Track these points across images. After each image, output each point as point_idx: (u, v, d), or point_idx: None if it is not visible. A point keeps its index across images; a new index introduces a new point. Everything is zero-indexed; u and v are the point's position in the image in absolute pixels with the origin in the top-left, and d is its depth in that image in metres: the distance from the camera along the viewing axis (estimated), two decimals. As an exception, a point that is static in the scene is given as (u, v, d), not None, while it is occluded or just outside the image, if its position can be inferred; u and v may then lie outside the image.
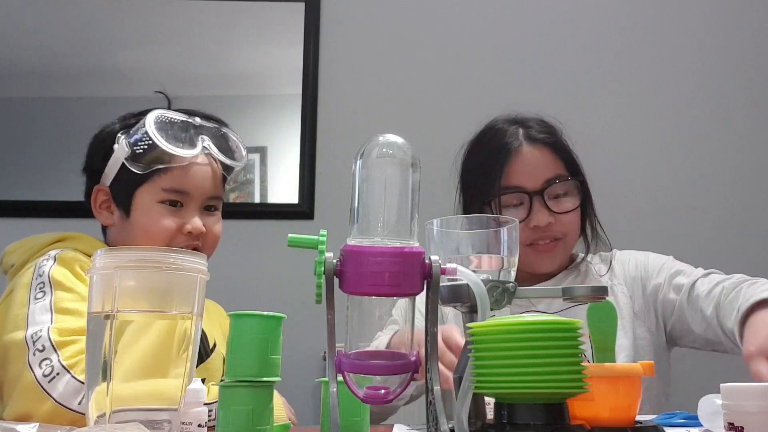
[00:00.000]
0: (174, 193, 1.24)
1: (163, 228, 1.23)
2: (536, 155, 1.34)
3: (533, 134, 1.36)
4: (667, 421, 0.93)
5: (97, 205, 1.30)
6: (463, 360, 0.71)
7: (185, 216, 1.25)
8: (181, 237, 1.24)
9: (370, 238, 0.66)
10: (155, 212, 1.23)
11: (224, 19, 2.30)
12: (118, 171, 1.24)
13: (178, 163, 1.23)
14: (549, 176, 1.33)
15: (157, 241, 1.22)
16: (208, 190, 1.28)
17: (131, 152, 1.21)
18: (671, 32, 2.31)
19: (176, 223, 1.24)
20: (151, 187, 1.24)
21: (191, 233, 1.25)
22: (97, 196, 1.29)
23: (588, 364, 0.61)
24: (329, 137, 2.22)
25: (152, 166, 1.22)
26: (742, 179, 2.22)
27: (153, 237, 1.23)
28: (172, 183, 1.24)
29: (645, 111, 2.27)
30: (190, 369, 0.76)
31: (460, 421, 0.62)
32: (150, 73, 2.26)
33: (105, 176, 1.27)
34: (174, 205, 1.24)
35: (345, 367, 0.66)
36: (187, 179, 1.25)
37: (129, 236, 1.26)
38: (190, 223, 1.24)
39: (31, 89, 2.27)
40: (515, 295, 0.74)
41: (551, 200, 1.32)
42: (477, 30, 2.31)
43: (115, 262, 0.73)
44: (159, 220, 1.23)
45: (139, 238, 1.24)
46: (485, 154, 1.38)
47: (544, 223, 1.30)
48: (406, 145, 0.68)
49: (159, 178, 1.23)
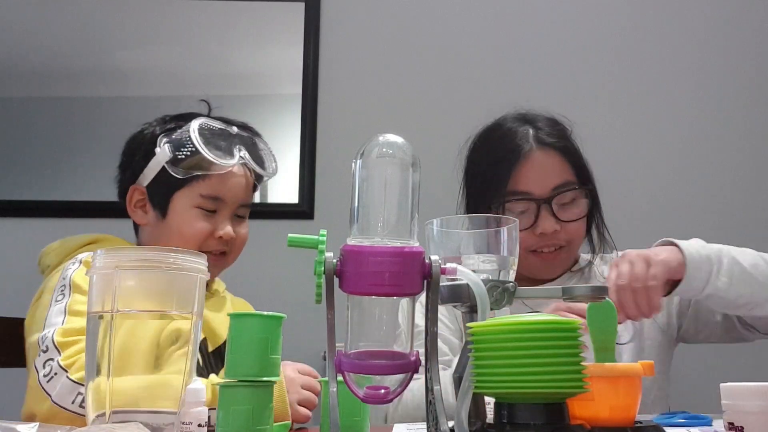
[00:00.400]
0: (210, 199, 1.30)
1: (198, 231, 1.28)
2: (546, 160, 1.30)
3: (543, 137, 1.32)
4: (668, 420, 0.93)
5: (132, 204, 1.34)
6: (462, 360, 0.71)
7: (218, 222, 1.31)
8: (213, 241, 1.30)
9: (370, 238, 0.66)
10: (191, 216, 1.29)
11: (224, 19, 2.30)
12: (157, 173, 1.29)
13: (217, 171, 1.28)
14: (558, 183, 1.29)
15: (189, 243, 1.27)
16: (240, 198, 1.34)
17: (173, 157, 1.26)
18: (674, 32, 2.31)
19: (209, 227, 1.29)
20: (190, 191, 1.29)
21: (222, 238, 1.30)
22: (133, 195, 1.33)
23: (588, 364, 0.61)
24: (329, 137, 2.22)
25: (192, 171, 1.27)
26: (743, 179, 2.22)
27: (186, 239, 1.27)
28: (210, 190, 1.29)
29: (645, 109, 2.27)
30: (190, 369, 0.76)
31: (460, 420, 0.62)
32: (150, 72, 2.26)
33: (143, 176, 1.31)
34: (209, 211, 1.30)
35: (345, 366, 0.66)
36: (223, 187, 1.30)
37: (162, 237, 1.31)
38: (222, 229, 1.30)
39: (32, 89, 2.27)
40: (515, 295, 0.74)
41: (558, 207, 1.29)
42: (477, 29, 2.31)
43: (115, 261, 0.73)
44: (194, 224, 1.28)
45: (172, 239, 1.28)
46: (493, 154, 1.33)
47: (550, 230, 1.28)
48: (406, 145, 0.68)
49: (197, 184, 1.29)
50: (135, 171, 1.32)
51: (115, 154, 1.39)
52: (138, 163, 1.32)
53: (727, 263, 1.14)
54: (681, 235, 1.45)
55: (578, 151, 1.35)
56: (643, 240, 1.62)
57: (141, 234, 1.37)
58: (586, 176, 1.34)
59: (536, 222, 1.27)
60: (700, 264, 1.12)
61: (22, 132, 2.23)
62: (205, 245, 1.29)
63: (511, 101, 1.46)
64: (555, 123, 1.36)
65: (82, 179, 2.19)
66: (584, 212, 1.32)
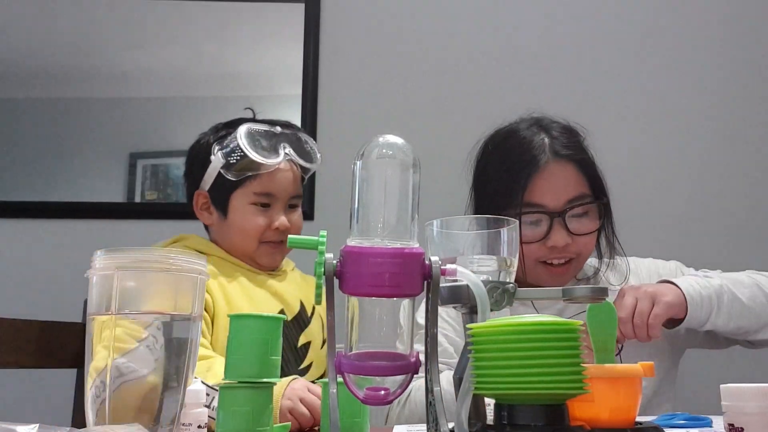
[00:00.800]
0: (263, 196, 1.44)
1: (256, 225, 1.43)
2: (561, 173, 1.28)
3: (559, 149, 1.29)
4: (668, 422, 0.93)
5: (198, 207, 1.49)
6: (463, 360, 0.71)
7: (273, 214, 1.45)
8: (270, 232, 1.45)
9: (370, 239, 0.65)
10: (248, 212, 1.44)
11: (224, 19, 2.30)
12: (215, 178, 1.44)
13: (266, 170, 1.42)
14: (572, 196, 1.28)
15: (251, 236, 1.44)
16: (290, 191, 1.48)
17: (226, 162, 1.41)
18: (688, 35, 2.31)
19: (266, 221, 1.44)
20: (244, 191, 1.44)
21: (278, 229, 1.44)
22: (198, 199, 1.49)
23: (588, 365, 0.61)
24: (329, 138, 2.22)
25: (244, 173, 1.42)
26: (745, 180, 2.22)
27: (247, 233, 1.44)
28: (262, 187, 1.44)
29: (646, 110, 2.27)
30: (190, 370, 0.76)
31: (460, 422, 0.62)
32: (150, 73, 2.26)
33: (204, 182, 1.46)
34: (264, 205, 1.45)
35: (345, 368, 0.66)
36: (273, 183, 1.44)
37: (227, 233, 1.47)
38: (277, 221, 1.44)
39: (32, 90, 2.27)
40: (515, 296, 0.74)
41: (571, 220, 1.27)
42: (477, 31, 2.31)
43: (115, 262, 0.73)
44: (252, 219, 1.44)
45: (235, 235, 1.45)
46: (507, 163, 1.31)
47: (562, 243, 1.26)
48: (406, 146, 0.68)
49: (250, 184, 1.43)
50: (196, 178, 1.47)
51: (116, 154, 1.42)
52: (198, 170, 1.47)
53: (726, 301, 1.22)
54: (688, 241, 1.47)
55: (593, 162, 1.33)
56: (650, 244, 1.62)
57: (211, 232, 1.52)
58: (601, 188, 1.32)
59: (548, 235, 1.26)
60: (701, 305, 1.20)
61: (22, 133, 2.23)
62: (264, 237, 1.44)
63: (512, 103, 1.46)
64: (570, 132, 1.34)
65: (82, 180, 2.19)
66: (596, 226, 1.31)
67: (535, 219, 1.27)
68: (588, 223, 1.29)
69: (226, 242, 1.47)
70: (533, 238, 1.26)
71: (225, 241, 1.47)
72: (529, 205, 1.27)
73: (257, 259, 1.47)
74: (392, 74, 2.27)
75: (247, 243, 1.44)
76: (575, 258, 1.30)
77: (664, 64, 2.29)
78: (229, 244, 1.46)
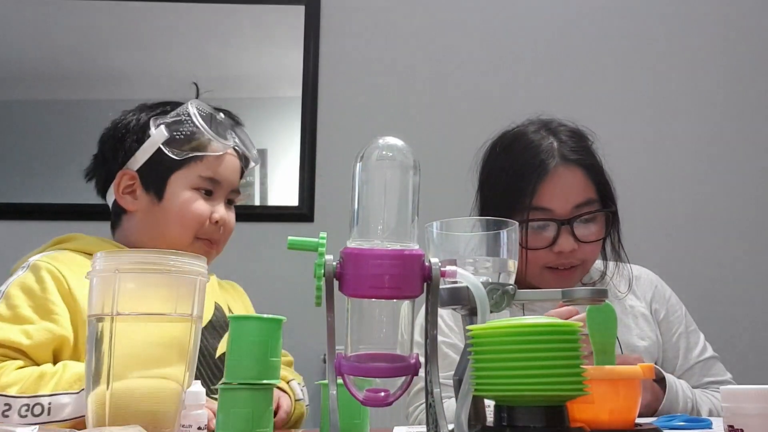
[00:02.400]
0: (209, 181, 1.28)
1: (198, 213, 1.26)
2: (569, 178, 1.28)
3: (567, 153, 1.29)
4: (667, 423, 0.93)
5: (120, 190, 1.29)
6: (462, 362, 0.71)
7: (213, 205, 1.29)
8: (208, 226, 1.28)
9: (370, 241, 0.66)
10: (190, 197, 1.26)
11: (225, 22, 2.30)
12: (150, 156, 1.26)
13: (215, 152, 1.27)
14: (579, 201, 1.27)
15: (188, 226, 1.26)
16: (234, 182, 1.33)
17: (170, 137, 1.24)
18: (689, 37, 2.31)
19: (209, 209, 1.28)
20: (188, 172, 1.26)
21: (218, 222, 1.28)
22: (121, 180, 1.29)
23: (587, 367, 0.61)
24: (329, 140, 2.23)
25: (190, 152, 1.25)
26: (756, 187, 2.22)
27: (186, 222, 1.26)
28: (209, 171, 1.27)
29: (655, 114, 2.27)
30: (189, 371, 0.76)
31: (459, 423, 0.62)
32: (151, 75, 2.26)
33: (134, 160, 1.28)
34: (207, 193, 1.28)
35: (345, 369, 0.66)
36: (220, 169, 1.29)
37: (159, 221, 1.27)
38: (217, 212, 1.28)
39: (34, 92, 2.27)
40: (515, 297, 0.74)
41: (578, 226, 1.27)
42: (476, 33, 2.31)
43: (115, 264, 0.73)
44: (193, 205, 1.26)
45: (170, 223, 1.26)
46: (515, 167, 1.30)
47: (568, 249, 1.26)
48: (406, 148, 0.68)
49: (195, 165, 1.26)
50: (125, 155, 1.28)
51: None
52: (129, 147, 1.28)
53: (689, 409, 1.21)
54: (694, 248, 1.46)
55: (601, 167, 1.32)
56: (656, 250, 1.62)
57: (125, 224, 1.31)
58: (609, 194, 1.32)
59: (555, 241, 1.26)
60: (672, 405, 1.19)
61: (22, 135, 2.23)
62: (201, 230, 1.27)
63: (512, 105, 1.46)
64: (579, 136, 1.34)
65: (82, 182, 2.18)
66: (603, 234, 1.30)
67: (543, 224, 1.27)
68: (595, 230, 1.29)
69: (152, 233, 1.27)
70: (540, 245, 1.26)
71: (151, 231, 1.27)
72: (537, 209, 1.26)
73: None
74: (392, 76, 2.28)
75: (182, 234, 1.26)
76: (580, 265, 1.31)
77: (675, 69, 2.29)
78: (156, 234, 1.27)
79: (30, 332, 1.04)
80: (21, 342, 1.02)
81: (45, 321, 1.06)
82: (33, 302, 1.07)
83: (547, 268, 1.29)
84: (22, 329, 1.04)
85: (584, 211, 1.27)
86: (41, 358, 1.04)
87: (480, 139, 1.41)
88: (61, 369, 0.98)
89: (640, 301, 1.37)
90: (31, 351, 1.03)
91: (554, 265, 1.29)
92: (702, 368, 1.32)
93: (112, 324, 0.72)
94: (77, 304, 1.10)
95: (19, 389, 0.94)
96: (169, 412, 0.73)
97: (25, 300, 1.07)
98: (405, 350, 0.69)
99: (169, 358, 0.74)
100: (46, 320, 1.06)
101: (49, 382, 0.95)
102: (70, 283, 1.10)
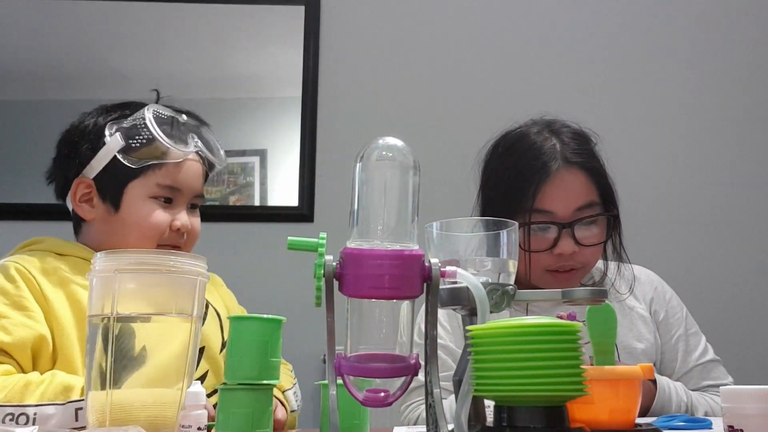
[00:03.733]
0: (168, 189, 1.24)
1: (157, 223, 1.22)
2: (571, 181, 1.27)
3: (570, 155, 1.29)
4: (667, 423, 0.93)
5: (77, 199, 1.25)
6: (462, 363, 0.71)
7: (174, 212, 1.25)
8: (170, 233, 1.24)
9: (370, 241, 0.66)
10: (148, 207, 1.22)
11: (225, 22, 2.30)
12: (107, 164, 1.22)
13: (174, 159, 1.23)
14: (581, 204, 1.27)
15: (148, 236, 1.22)
16: (196, 188, 1.28)
17: (126, 145, 1.20)
18: (694, 39, 2.31)
19: (168, 218, 1.23)
20: (145, 181, 1.22)
21: (179, 230, 1.24)
22: (77, 188, 1.25)
23: (587, 367, 0.61)
24: (329, 140, 2.23)
25: (147, 160, 1.21)
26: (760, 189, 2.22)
27: (144, 232, 1.22)
28: (167, 179, 1.23)
29: (658, 116, 2.27)
30: (189, 371, 0.76)
31: (459, 423, 0.62)
32: (150, 76, 2.26)
33: (89, 168, 1.24)
34: (166, 201, 1.24)
35: (345, 369, 0.66)
36: (180, 176, 1.24)
37: (116, 231, 1.23)
38: (180, 221, 1.24)
39: (31, 92, 2.27)
40: (515, 298, 0.74)
41: (579, 228, 1.27)
42: (476, 33, 2.31)
43: (115, 264, 0.73)
44: (152, 216, 1.22)
45: (128, 234, 1.22)
46: (517, 168, 1.30)
47: (569, 252, 1.25)
48: (406, 148, 0.68)
49: (153, 174, 1.22)
50: (81, 162, 1.24)
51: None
52: (84, 154, 1.24)
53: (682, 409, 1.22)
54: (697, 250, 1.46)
55: (604, 170, 1.32)
56: (658, 252, 1.62)
57: (85, 231, 1.28)
58: (611, 196, 1.32)
59: (556, 243, 1.26)
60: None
61: (22, 135, 2.23)
62: (162, 238, 1.23)
63: (514, 104, 1.46)
64: (582, 138, 1.34)
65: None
66: (604, 238, 1.30)
67: (544, 227, 1.27)
68: (596, 233, 1.29)
69: (111, 242, 1.22)
70: (541, 247, 1.26)
71: (110, 240, 1.23)
72: (538, 212, 1.26)
73: None
74: (392, 76, 2.28)
75: (143, 244, 1.21)
76: (581, 268, 1.30)
77: (678, 70, 2.29)
78: (116, 243, 1.20)
79: (8, 328, 1.03)
80: (2, 340, 1.02)
81: (22, 317, 1.05)
82: (7, 299, 1.07)
83: (548, 270, 1.29)
84: (1, 325, 1.03)
85: (586, 215, 1.27)
86: (22, 358, 1.03)
87: (480, 139, 1.40)
88: (48, 378, 0.97)
89: (639, 303, 1.37)
90: (12, 349, 1.02)
91: (554, 267, 1.28)
92: (701, 371, 1.32)
93: (112, 324, 0.72)
94: (49, 304, 1.09)
95: (4, 397, 0.93)
96: (168, 413, 0.73)
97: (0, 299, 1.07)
98: (405, 350, 0.69)
99: (169, 358, 0.74)
100: (23, 316, 1.05)
101: (35, 391, 0.94)
102: (41, 284, 1.10)
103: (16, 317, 1.05)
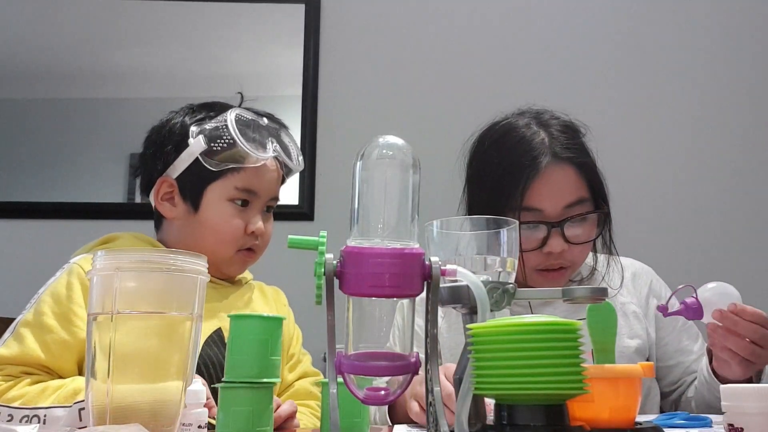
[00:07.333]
0: (245, 192, 1.27)
1: (234, 227, 1.26)
2: (561, 177, 1.24)
3: (559, 150, 1.24)
4: (667, 422, 0.93)
5: (159, 197, 1.29)
6: (463, 361, 0.71)
7: (250, 216, 1.28)
8: (245, 237, 1.28)
9: (370, 240, 0.66)
10: (225, 210, 1.26)
11: (225, 20, 2.30)
12: (189, 165, 1.25)
13: (252, 164, 1.25)
14: (570, 200, 1.23)
15: (225, 239, 1.26)
16: (272, 191, 1.32)
17: (208, 148, 1.23)
18: (685, 31, 2.31)
19: (242, 222, 1.27)
20: (224, 184, 1.26)
21: (254, 233, 1.28)
22: (161, 187, 1.28)
23: (588, 365, 0.61)
24: (329, 138, 2.22)
25: (227, 164, 1.24)
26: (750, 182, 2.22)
27: (222, 235, 1.26)
28: (245, 183, 1.26)
29: (648, 108, 2.27)
30: (190, 370, 0.76)
31: (460, 422, 0.62)
32: (150, 74, 2.26)
33: (173, 168, 1.27)
34: (243, 203, 1.27)
35: (345, 368, 0.66)
36: (258, 180, 1.28)
37: (194, 232, 1.27)
38: (254, 224, 1.28)
39: (31, 90, 2.27)
40: (515, 296, 0.74)
41: (569, 226, 1.23)
42: (476, 31, 2.31)
43: (116, 263, 0.73)
44: (229, 219, 1.26)
45: (206, 237, 1.26)
46: (505, 164, 1.26)
47: (558, 249, 1.22)
48: (407, 147, 0.68)
49: (233, 177, 1.26)
50: (165, 162, 1.27)
51: (116, 155, 1.39)
52: (168, 154, 1.27)
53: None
54: (689, 244, 1.45)
55: (594, 165, 1.29)
56: (649, 246, 1.62)
57: (166, 228, 1.32)
58: (601, 192, 1.28)
59: (545, 242, 1.23)
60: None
61: (22, 133, 2.23)
62: (239, 242, 1.28)
63: (513, 103, 1.45)
64: (571, 131, 1.30)
65: (82, 181, 2.19)
66: (594, 235, 1.28)
67: (533, 225, 1.24)
68: (586, 230, 1.26)
69: (188, 242, 1.25)
70: (531, 247, 1.23)
71: (187, 240, 1.26)
72: (527, 210, 1.23)
73: (227, 267, 1.30)
74: (392, 74, 2.28)
75: (222, 249, 1.26)
76: (569, 267, 1.28)
77: (668, 61, 2.29)
78: (193, 244, 1.22)
79: (49, 345, 1.07)
80: (40, 357, 1.06)
81: (64, 332, 1.08)
82: (59, 309, 1.11)
83: (537, 270, 1.26)
84: (42, 341, 1.07)
85: (575, 213, 1.24)
86: (65, 371, 1.07)
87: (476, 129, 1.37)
88: (68, 383, 1.00)
89: (632, 298, 1.35)
90: (52, 364, 1.07)
91: (544, 266, 1.26)
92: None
93: (112, 323, 0.72)
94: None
95: (23, 401, 0.97)
96: (169, 411, 0.73)
97: (51, 306, 1.11)
98: (405, 349, 0.69)
99: (170, 356, 0.74)
100: (65, 331, 1.09)
101: (51, 395, 0.97)
102: None
103: (58, 333, 1.08)
